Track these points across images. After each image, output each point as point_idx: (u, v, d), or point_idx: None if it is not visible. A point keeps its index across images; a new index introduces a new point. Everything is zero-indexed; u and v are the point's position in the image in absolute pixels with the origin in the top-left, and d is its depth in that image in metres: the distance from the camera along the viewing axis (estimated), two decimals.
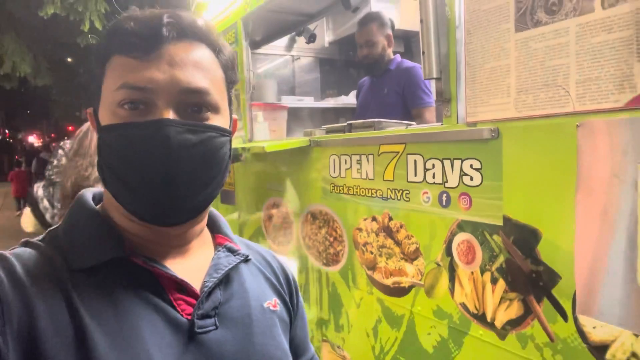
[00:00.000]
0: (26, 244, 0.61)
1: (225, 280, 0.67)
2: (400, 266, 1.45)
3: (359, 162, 1.59)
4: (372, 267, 1.56)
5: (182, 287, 0.62)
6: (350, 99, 3.22)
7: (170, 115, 0.58)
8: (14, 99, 19.77)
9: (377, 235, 1.54)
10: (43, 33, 7.88)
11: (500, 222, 1.12)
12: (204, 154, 0.60)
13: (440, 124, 1.28)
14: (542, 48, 0.99)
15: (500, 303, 1.14)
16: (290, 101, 2.96)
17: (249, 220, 2.44)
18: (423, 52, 1.22)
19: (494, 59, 1.11)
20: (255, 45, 3.10)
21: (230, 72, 0.66)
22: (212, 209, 0.71)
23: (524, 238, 1.07)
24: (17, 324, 0.51)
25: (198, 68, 0.60)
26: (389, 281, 1.50)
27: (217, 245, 0.72)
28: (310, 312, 1.94)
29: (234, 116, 0.70)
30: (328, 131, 1.84)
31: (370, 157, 1.54)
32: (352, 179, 1.63)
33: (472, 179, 1.19)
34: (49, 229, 0.65)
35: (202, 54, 0.62)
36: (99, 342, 0.53)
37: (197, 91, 0.60)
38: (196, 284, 0.63)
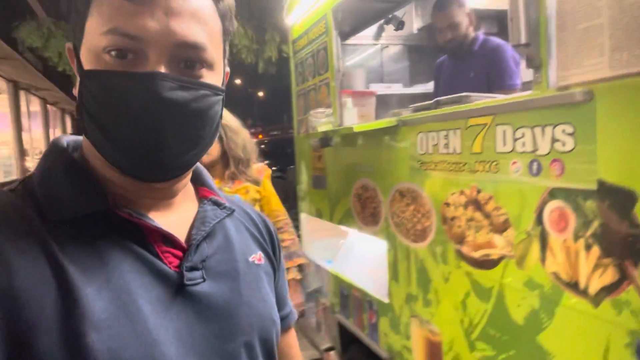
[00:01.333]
0: None
1: (211, 234, 0.65)
2: (489, 238, 1.45)
3: (446, 137, 1.61)
4: (461, 241, 1.57)
5: (168, 239, 0.60)
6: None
7: (162, 69, 0.54)
8: None
9: (465, 208, 1.55)
10: None
11: (594, 187, 1.09)
12: (196, 112, 0.57)
13: (530, 91, 1.27)
14: (637, 2, 0.96)
15: (594, 270, 1.11)
16: (378, 88, 3.01)
17: (339, 202, 2.54)
18: (511, 19, 1.22)
19: (585, 19, 1.08)
20: (344, 36, 3.19)
21: (228, 22, 0.62)
22: None
23: (619, 201, 1.03)
24: None
25: (196, 19, 0.56)
26: (477, 254, 1.50)
27: (201, 198, 0.69)
28: (399, 289, 1.99)
29: (227, 69, 0.66)
30: (415, 110, 1.87)
31: (458, 131, 1.55)
32: (440, 154, 1.65)
33: (564, 144, 1.16)
34: (22, 177, 0.60)
35: (201, 2, 0.57)
36: (85, 293, 0.50)
37: (194, 46, 0.56)
38: (180, 237, 0.62)
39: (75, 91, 0.58)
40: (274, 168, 11.14)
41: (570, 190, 1.16)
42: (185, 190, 0.67)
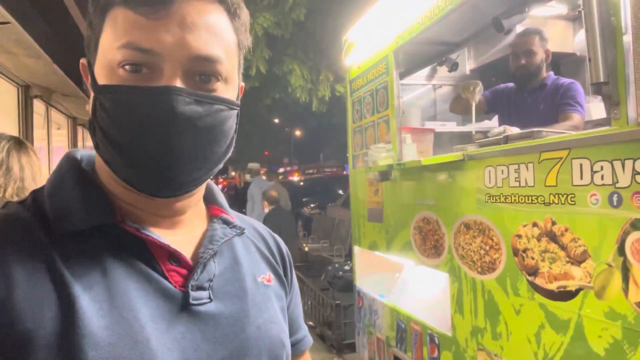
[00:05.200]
0: (4, 207, 0.58)
1: (219, 253, 0.64)
2: (566, 270, 1.47)
3: (517, 171, 1.67)
4: (534, 272, 1.60)
5: (175, 257, 0.59)
6: (493, 123, 3.25)
7: (178, 83, 0.54)
8: None
9: (538, 240, 1.58)
10: None
11: None
12: (210, 127, 0.56)
13: (608, 127, 1.32)
14: None
15: None
16: (433, 126, 3.09)
17: (397, 235, 2.59)
18: (589, 59, 1.29)
19: None
20: (399, 76, 3.33)
21: (243, 36, 0.62)
22: None
23: None
24: None
25: (211, 33, 0.56)
26: (553, 286, 1.52)
27: (211, 216, 0.69)
28: (463, 322, 2.00)
29: (241, 84, 0.65)
30: (482, 145, 1.94)
31: (530, 165, 1.61)
32: (510, 187, 1.70)
33: None
34: (33, 190, 0.60)
35: (216, 16, 0.57)
36: (87, 309, 0.50)
37: (209, 59, 0.55)
38: (187, 256, 0.60)
39: (88, 107, 0.57)
40: (312, 205, 11.21)
41: None
42: (196, 208, 0.66)
